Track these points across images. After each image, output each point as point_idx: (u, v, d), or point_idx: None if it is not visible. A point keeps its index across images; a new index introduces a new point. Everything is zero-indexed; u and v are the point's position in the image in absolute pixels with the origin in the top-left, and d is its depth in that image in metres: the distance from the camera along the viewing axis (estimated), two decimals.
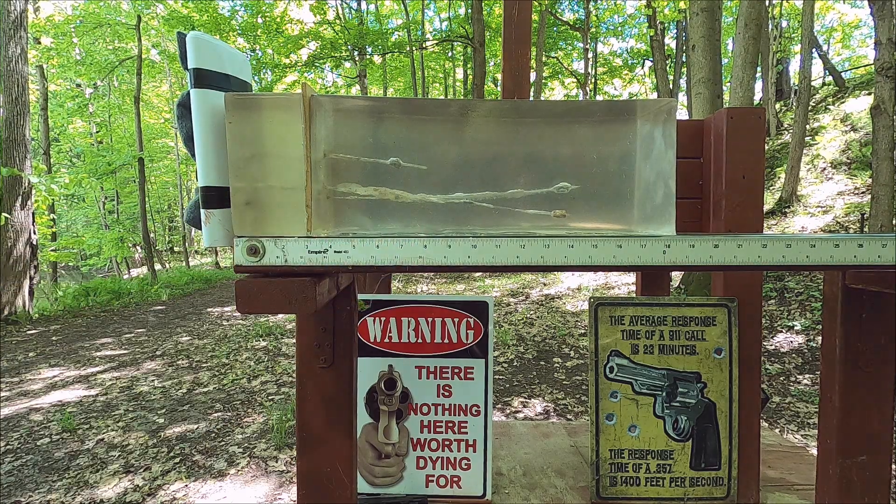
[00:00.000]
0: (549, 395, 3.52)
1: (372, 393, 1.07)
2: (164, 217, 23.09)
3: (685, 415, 1.02)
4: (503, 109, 0.57)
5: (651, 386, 1.03)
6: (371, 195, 0.57)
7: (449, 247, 0.55)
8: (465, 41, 13.55)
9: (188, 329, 6.15)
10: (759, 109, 0.81)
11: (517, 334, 5.22)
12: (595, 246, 0.54)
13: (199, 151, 0.54)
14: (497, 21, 13.37)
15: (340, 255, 0.55)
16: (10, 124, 6.99)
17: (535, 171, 0.57)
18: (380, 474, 1.07)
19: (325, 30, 14.54)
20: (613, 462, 1.03)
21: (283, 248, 0.54)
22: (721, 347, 1.01)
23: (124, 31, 13.84)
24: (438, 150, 0.57)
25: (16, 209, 6.97)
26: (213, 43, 0.55)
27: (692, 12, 5.14)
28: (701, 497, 1.01)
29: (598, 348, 1.04)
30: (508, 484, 1.11)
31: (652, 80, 17.63)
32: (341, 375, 0.74)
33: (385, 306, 1.09)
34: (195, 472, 2.51)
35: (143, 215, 12.03)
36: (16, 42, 7.04)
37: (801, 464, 1.19)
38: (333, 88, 19.09)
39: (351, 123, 0.56)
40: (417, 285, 8.80)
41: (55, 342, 5.61)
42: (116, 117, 17.71)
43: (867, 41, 20.39)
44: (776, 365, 3.94)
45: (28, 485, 2.43)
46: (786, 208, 9.12)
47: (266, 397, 3.60)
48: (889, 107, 5.50)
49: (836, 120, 11.13)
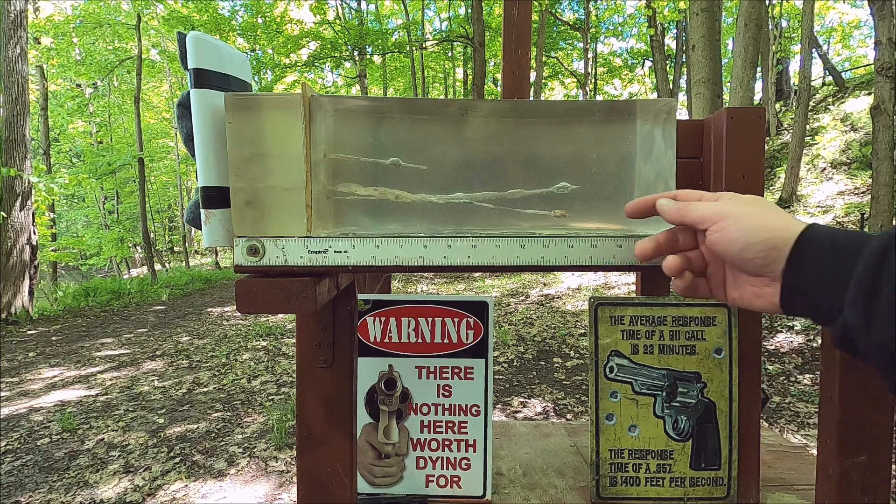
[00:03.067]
0: (549, 395, 3.52)
1: (372, 393, 1.08)
2: (164, 217, 23.09)
3: (685, 415, 1.02)
4: (503, 109, 0.57)
5: (651, 386, 1.03)
6: (371, 195, 0.57)
7: (449, 247, 0.55)
8: (465, 41, 13.55)
9: (188, 329, 6.15)
10: (760, 109, 0.81)
11: (517, 334, 5.22)
12: (595, 246, 0.54)
13: (199, 151, 0.55)
14: (497, 21, 13.37)
15: (340, 255, 0.55)
16: (10, 124, 6.99)
17: (535, 171, 0.57)
18: (380, 474, 1.07)
19: (325, 30, 14.54)
20: (613, 462, 1.03)
21: (283, 248, 0.54)
22: (721, 347, 1.01)
23: (124, 31, 13.84)
24: (438, 150, 0.57)
25: (15, 209, 6.97)
26: (213, 43, 0.55)
27: (692, 12, 5.14)
28: (701, 497, 1.01)
29: (597, 348, 1.04)
30: (508, 484, 1.11)
31: (652, 80, 17.63)
32: (341, 375, 0.74)
33: (385, 306, 1.09)
34: (195, 472, 2.51)
35: (143, 215, 12.03)
36: (16, 42, 7.04)
37: (801, 464, 1.19)
38: (333, 88, 19.09)
39: (351, 123, 0.56)
40: (417, 285, 8.80)
41: (55, 342, 5.61)
42: (116, 117, 17.71)
43: (867, 41, 20.40)
44: (776, 365, 3.94)
45: (28, 485, 2.43)
46: (786, 208, 9.13)
47: (266, 397, 3.60)
48: (889, 107, 5.50)
49: (836, 120, 11.13)
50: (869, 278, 0.36)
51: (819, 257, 0.39)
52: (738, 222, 0.43)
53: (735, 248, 0.43)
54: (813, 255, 0.39)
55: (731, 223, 0.43)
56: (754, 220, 0.43)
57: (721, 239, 0.44)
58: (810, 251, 0.40)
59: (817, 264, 0.39)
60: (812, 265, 0.39)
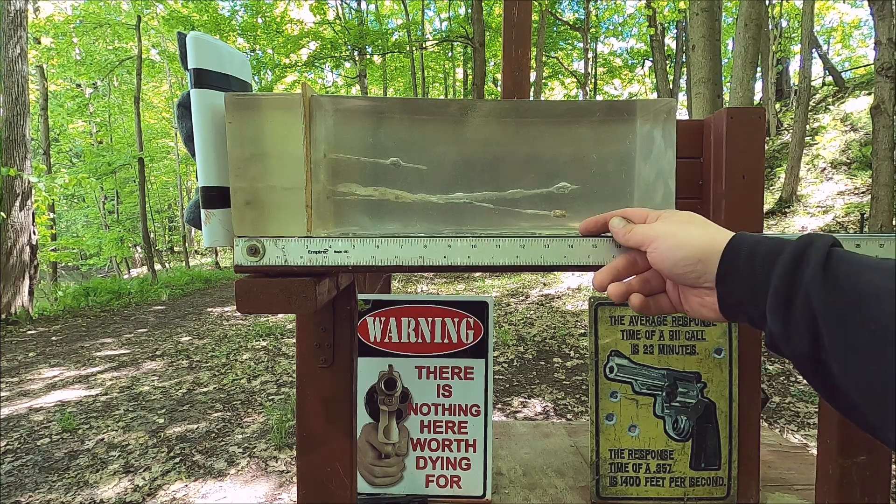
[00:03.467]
0: (549, 395, 3.52)
1: (372, 393, 1.08)
2: (164, 217, 23.09)
3: (685, 415, 1.02)
4: (503, 109, 0.57)
5: (651, 386, 1.03)
6: (371, 195, 0.57)
7: (449, 247, 0.55)
8: (465, 41, 13.55)
9: (188, 329, 6.15)
10: (760, 109, 0.81)
11: (517, 334, 5.22)
12: (594, 246, 0.54)
13: (199, 151, 0.55)
14: (497, 21, 13.37)
15: (340, 255, 0.55)
16: (10, 124, 6.99)
17: (535, 171, 0.57)
18: (380, 474, 1.07)
19: (325, 30, 14.54)
20: (613, 462, 1.03)
21: (283, 248, 0.54)
22: (721, 347, 1.01)
23: (124, 31, 13.85)
24: (438, 150, 0.57)
25: (15, 209, 6.97)
26: (213, 43, 0.55)
27: (692, 12, 5.15)
28: (701, 497, 1.01)
29: (597, 348, 1.04)
30: (508, 484, 1.11)
31: (652, 80, 17.64)
32: (341, 375, 0.74)
33: (385, 306, 1.09)
34: (195, 472, 2.51)
35: (143, 215, 12.03)
36: (16, 42, 7.04)
37: (801, 464, 1.19)
38: (333, 88, 19.09)
39: (351, 123, 0.56)
40: (417, 285, 8.80)
41: (55, 342, 5.61)
42: (116, 117, 17.71)
43: (867, 41, 20.40)
44: (776, 365, 3.94)
45: (28, 485, 2.43)
46: (786, 208, 9.13)
47: (266, 397, 3.60)
48: (889, 107, 5.51)
49: (836, 120, 11.13)
50: (784, 287, 0.36)
51: (742, 268, 0.40)
52: (666, 241, 0.45)
53: (667, 266, 0.45)
54: (737, 265, 0.41)
55: (661, 243, 0.46)
56: (679, 238, 0.45)
57: (655, 259, 0.46)
58: (734, 262, 0.41)
59: (741, 275, 0.40)
60: (737, 276, 0.40)
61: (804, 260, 0.36)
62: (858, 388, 0.32)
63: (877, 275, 0.32)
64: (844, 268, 0.34)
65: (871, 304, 0.31)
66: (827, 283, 0.34)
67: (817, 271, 0.34)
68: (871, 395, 0.31)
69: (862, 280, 0.33)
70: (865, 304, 0.31)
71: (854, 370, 0.32)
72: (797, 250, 0.37)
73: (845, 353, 0.32)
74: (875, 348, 0.30)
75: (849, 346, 0.32)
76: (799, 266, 0.36)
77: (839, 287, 0.33)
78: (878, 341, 0.30)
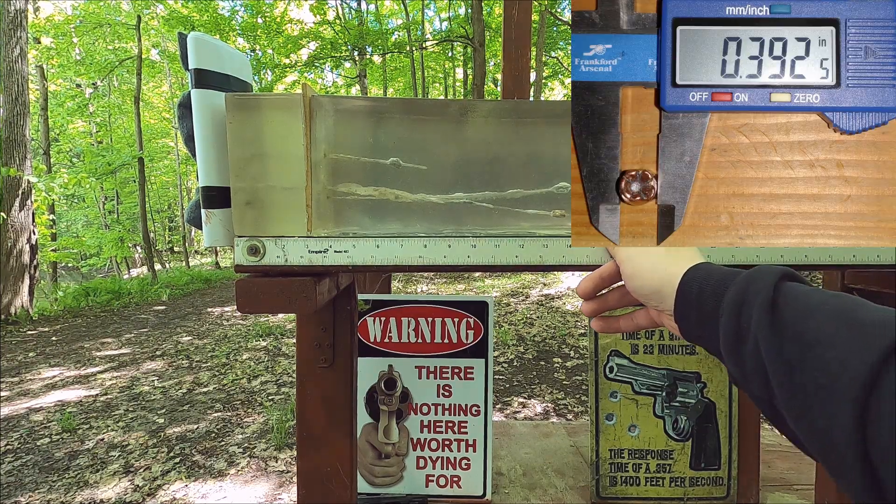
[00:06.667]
0: (549, 395, 3.52)
1: (372, 393, 1.08)
2: (164, 217, 23.08)
3: (685, 415, 1.02)
4: (503, 110, 0.58)
5: (651, 386, 1.03)
6: (371, 195, 0.57)
7: (449, 247, 0.55)
8: (465, 41, 13.54)
9: (188, 329, 6.15)
10: None
11: (517, 334, 5.22)
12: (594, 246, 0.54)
13: (200, 151, 0.55)
14: (497, 21, 13.37)
15: (340, 255, 0.55)
16: (10, 124, 6.99)
17: (534, 171, 0.58)
18: (380, 474, 1.07)
19: (325, 30, 14.54)
20: (613, 462, 1.03)
21: (283, 248, 0.54)
22: None
23: (124, 31, 13.85)
24: (438, 150, 0.57)
25: (15, 209, 6.97)
26: (213, 43, 0.56)
27: None
28: (701, 497, 1.01)
29: (597, 348, 1.04)
30: (508, 484, 1.12)
31: None
32: (341, 375, 0.74)
33: (385, 306, 1.09)
34: (195, 473, 2.51)
35: (143, 215, 12.03)
36: (15, 42, 7.04)
37: (800, 464, 1.19)
38: (333, 88, 19.09)
39: (351, 124, 0.56)
40: (417, 285, 8.80)
41: (55, 342, 5.61)
42: (116, 117, 17.70)
43: None
44: None
45: (28, 485, 2.43)
46: None
47: (266, 397, 3.60)
48: None
49: None
50: (731, 333, 0.35)
51: (694, 308, 0.39)
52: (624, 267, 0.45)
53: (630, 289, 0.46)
54: (689, 306, 0.40)
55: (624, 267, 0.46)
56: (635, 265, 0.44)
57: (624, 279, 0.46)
58: (687, 303, 0.40)
59: (695, 314, 0.39)
60: (691, 315, 0.40)
61: (746, 301, 0.35)
62: (809, 443, 0.30)
63: (824, 316, 0.30)
64: (791, 312, 0.32)
65: (817, 351, 0.29)
66: (774, 328, 0.32)
67: (762, 315, 0.33)
68: (822, 450, 0.29)
69: (809, 326, 0.31)
70: (811, 352, 0.29)
71: (805, 423, 0.30)
72: (739, 290, 0.36)
73: (794, 405, 0.30)
74: (823, 400, 0.28)
75: (797, 398, 0.30)
76: (742, 308, 0.35)
77: (785, 335, 0.31)
78: (824, 392, 0.28)
